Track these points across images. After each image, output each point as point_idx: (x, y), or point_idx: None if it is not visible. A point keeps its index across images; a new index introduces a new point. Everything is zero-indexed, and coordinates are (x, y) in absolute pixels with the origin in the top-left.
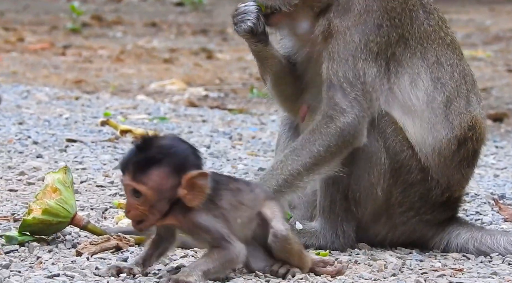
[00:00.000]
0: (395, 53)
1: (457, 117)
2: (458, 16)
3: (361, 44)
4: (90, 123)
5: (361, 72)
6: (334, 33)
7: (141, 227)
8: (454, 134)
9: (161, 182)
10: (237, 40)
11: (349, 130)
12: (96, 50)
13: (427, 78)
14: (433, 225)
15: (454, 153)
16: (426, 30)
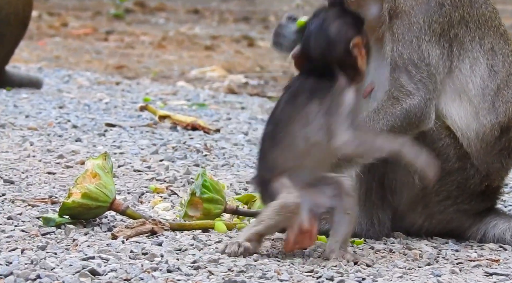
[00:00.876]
0: (457, 35)
1: (504, 104)
2: (505, 7)
3: (425, 25)
4: (130, 109)
5: (425, 54)
6: (399, 13)
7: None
8: (498, 120)
9: (333, 39)
10: None
11: (415, 112)
12: (138, 36)
13: (483, 64)
14: (470, 215)
15: (496, 139)
16: (484, 15)
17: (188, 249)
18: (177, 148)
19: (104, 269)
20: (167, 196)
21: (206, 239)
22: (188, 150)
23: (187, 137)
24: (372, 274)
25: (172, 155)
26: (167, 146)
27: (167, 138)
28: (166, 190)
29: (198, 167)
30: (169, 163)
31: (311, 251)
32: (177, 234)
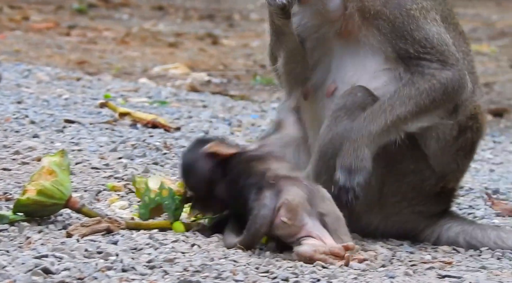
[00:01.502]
0: (435, 18)
1: (462, 105)
2: (465, 10)
3: (404, 16)
4: (90, 105)
5: (423, 41)
6: (375, 13)
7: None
8: (457, 120)
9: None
10: (243, 27)
11: (453, 84)
12: (101, 31)
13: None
14: (426, 217)
15: (454, 139)
16: (444, 11)
17: (144, 248)
18: (137, 145)
19: (58, 267)
20: (124, 194)
21: (163, 238)
22: (147, 148)
23: (147, 135)
24: (327, 275)
25: (131, 152)
26: (126, 143)
27: (127, 136)
28: (124, 188)
29: (157, 165)
30: (128, 161)
31: (266, 252)
32: (133, 233)
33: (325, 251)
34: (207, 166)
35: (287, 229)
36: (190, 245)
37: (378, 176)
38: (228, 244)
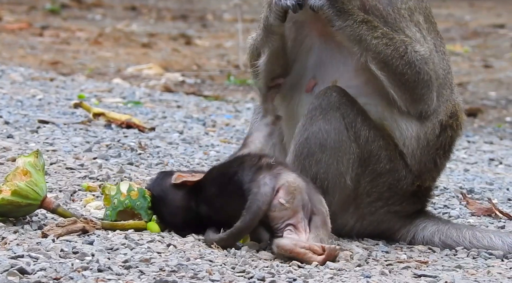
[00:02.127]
0: (419, 21)
1: (443, 103)
2: (438, 11)
3: (396, 14)
4: (64, 105)
5: (413, 39)
6: (369, 8)
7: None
8: (439, 119)
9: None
10: (217, 27)
11: (420, 58)
12: (74, 32)
13: (435, 58)
14: (401, 216)
15: (436, 138)
16: (425, 9)
17: (120, 248)
18: (111, 146)
19: (33, 268)
20: (99, 194)
21: (139, 239)
22: (122, 148)
23: (122, 136)
24: (303, 275)
25: (106, 153)
26: (101, 143)
27: (101, 136)
28: (99, 188)
29: (132, 165)
30: (103, 161)
31: (242, 252)
32: (109, 233)
33: (305, 246)
34: (179, 195)
35: (282, 211)
36: (166, 245)
37: (354, 176)
38: (210, 239)
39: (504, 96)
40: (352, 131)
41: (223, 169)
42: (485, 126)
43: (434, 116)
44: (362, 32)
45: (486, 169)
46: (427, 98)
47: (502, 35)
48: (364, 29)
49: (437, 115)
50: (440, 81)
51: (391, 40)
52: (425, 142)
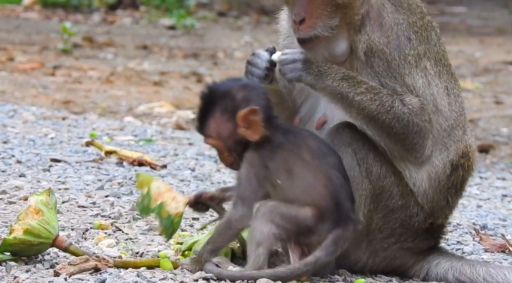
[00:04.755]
0: (426, 67)
1: (454, 144)
2: (448, 47)
3: (401, 60)
4: (75, 144)
5: (411, 87)
6: (375, 51)
7: (234, 168)
8: (450, 159)
9: (219, 129)
10: (227, 65)
11: (410, 118)
12: (86, 71)
13: (445, 102)
14: (414, 253)
15: (447, 177)
16: (438, 53)
17: None
18: (123, 183)
19: None
20: (111, 232)
21: (151, 276)
22: (134, 185)
23: (133, 173)
24: None
25: (118, 190)
26: (113, 181)
27: (113, 174)
28: (111, 226)
29: None
30: (115, 199)
31: None
32: (121, 271)
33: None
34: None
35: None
36: (178, 282)
37: (366, 212)
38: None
39: None
40: (364, 167)
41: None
42: (497, 162)
43: (445, 156)
44: (343, 90)
45: (499, 205)
46: (420, 147)
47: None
48: (345, 87)
49: (448, 155)
50: (451, 123)
51: (376, 94)
52: (437, 181)
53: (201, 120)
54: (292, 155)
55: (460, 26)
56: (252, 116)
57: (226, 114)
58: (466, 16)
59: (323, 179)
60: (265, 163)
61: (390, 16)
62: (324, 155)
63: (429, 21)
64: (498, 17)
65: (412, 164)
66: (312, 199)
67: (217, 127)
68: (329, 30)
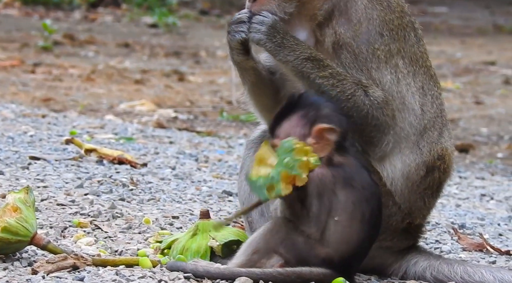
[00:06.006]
0: (398, 64)
1: (427, 145)
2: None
3: (369, 54)
4: (55, 142)
5: (377, 82)
6: (343, 44)
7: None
8: (423, 160)
9: (290, 131)
10: (210, 64)
11: (371, 108)
12: (67, 69)
13: (416, 102)
14: (393, 252)
15: (421, 179)
16: (416, 54)
17: None
18: (103, 181)
19: None
20: (90, 230)
21: (130, 275)
22: (113, 184)
23: (113, 171)
24: None
25: (97, 188)
26: (93, 179)
27: (93, 172)
28: (90, 225)
29: (123, 201)
30: (94, 197)
31: None
32: (100, 269)
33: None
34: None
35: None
36: (157, 281)
37: None
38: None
39: (495, 132)
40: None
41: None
42: (477, 162)
43: (417, 156)
44: (305, 70)
45: (477, 204)
46: (377, 141)
47: (493, 72)
48: (308, 67)
49: (421, 155)
50: (424, 123)
51: (340, 81)
52: (411, 182)
53: (278, 119)
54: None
55: (441, 27)
56: (328, 135)
57: (305, 120)
58: (447, 16)
59: (351, 233)
60: (335, 188)
61: (360, 11)
62: (366, 201)
63: (410, 21)
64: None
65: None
66: (332, 244)
67: (289, 129)
68: (282, 12)
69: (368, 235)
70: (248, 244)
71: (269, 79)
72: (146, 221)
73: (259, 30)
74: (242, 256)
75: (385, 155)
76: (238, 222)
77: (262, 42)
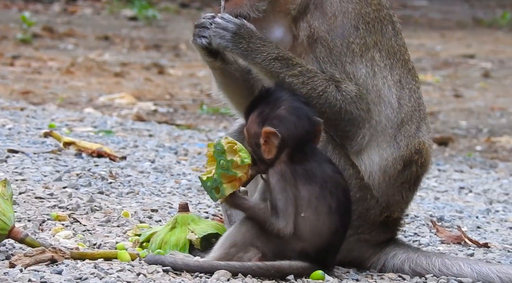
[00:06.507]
0: (374, 57)
1: (405, 139)
2: (410, 41)
3: (344, 47)
4: (34, 135)
5: (351, 76)
6: (317, 38)
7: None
8: (400, 154)
9: (250, 125)
10: (190, 57)
11: (343, 112)
12: (46, 61)
13: (393, 95)
14: (371, 245)
15: (399, 173)
16: (393, 47)
17: (89, 278)
18: (81, 175)
19: None
20: (69, 223)
21: (108, 268)
22: (92, 177)
23: (92, 165)
24: None
25: (76, 182)
26: (71, 172)
27: (72, 165)
28: (68, 218)
29: (102, 194)
30: (73, 190)
31: (214, 280)
32: (78, 262)
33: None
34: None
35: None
36: (135, 274)
37: None
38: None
39: (474, 125)
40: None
41: None
42: (456, 155)
43: (395, 150)
44: (274, 70)
45: (456, 197)
46: (353, 135)
47: (472, 65)
48: (277, 67)
49: (398, 149)
50: (401, 116)
51: (310, 78)
52: (388, 176)
53: (248, 109)
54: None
55: (421, 20)
56: (273, 138)
57: (259, 118)
58: (427, 9)
59: (321, 226)
60: (296, 183)
61: (335, 5)
62: (330, 194)
63: (388, 14)
64: (458, 11)
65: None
66: (305, 238)
67: (250, 123)
68: (256, 12)
69: (340, 225)
70: (225, 237)
71: (244, 78)
72: (125, 214)
73: (224, 37)
74: (220, 249)
75: (362, 148)
76: (217, 215)
77: (228, 49)
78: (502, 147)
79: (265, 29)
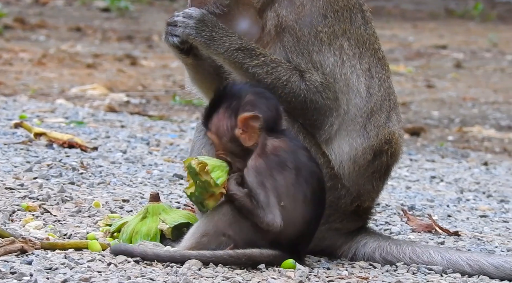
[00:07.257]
0: (343, 46)
1: (375, 129)
2: (382, 32)
3: (311, 36)
4: (4, 126)
5: (318, 65)
6: (285, 27)
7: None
8: (370, 144)
9: (219, 124)
10: (162, 48)
11: (308, 102)
12: (17, 53)
13: (361, 84)
14: (342, 233)
15: (369, 162)
16: (363, 36)
17: (59, 268)
18: (52, 165)
19: None
20: (39, 214)
21: (79, 258)
22: (63, 167)
23: (63, 155)
24: None
25: (47, 172)
26: (42, 163)
27: (42, 156)
28: (39, 208)
29: (73, 184)
30: (43, 181)
31: (185, 270)
32: (49, 253)
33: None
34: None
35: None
36: (106, 264)
37: None
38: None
39: (446, 115)
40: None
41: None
42: (428, 145)
43: (364, 140)
44: (237, 60)
45: (427, 186)
46: (320, 124)
47: (444, 56)
48: (240, 57)
49: (368, 139)
50: (370, 105)
51: (274, 68)
52: (358, 165)
53: (208, 113)
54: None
55: (394, 11)
56: (252, 122)
57: (229, 112)
58: (400, 0)
59: (296, 215)
60: (272, 174)
61: None
62: (305, 182)
63: (358, 3)
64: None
65: (333, 147)
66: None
67: (217, 122)
68: (220, 7)
69: (314, 215)
70: (197, 226)
71: (218, 73)
72: (96, 205)
73: (188, 25)
74: (192, 239)
75: (331, 137)
76: (189, 205)
77: (191, 37)
78: (473, 137)
79: (230, 22)
